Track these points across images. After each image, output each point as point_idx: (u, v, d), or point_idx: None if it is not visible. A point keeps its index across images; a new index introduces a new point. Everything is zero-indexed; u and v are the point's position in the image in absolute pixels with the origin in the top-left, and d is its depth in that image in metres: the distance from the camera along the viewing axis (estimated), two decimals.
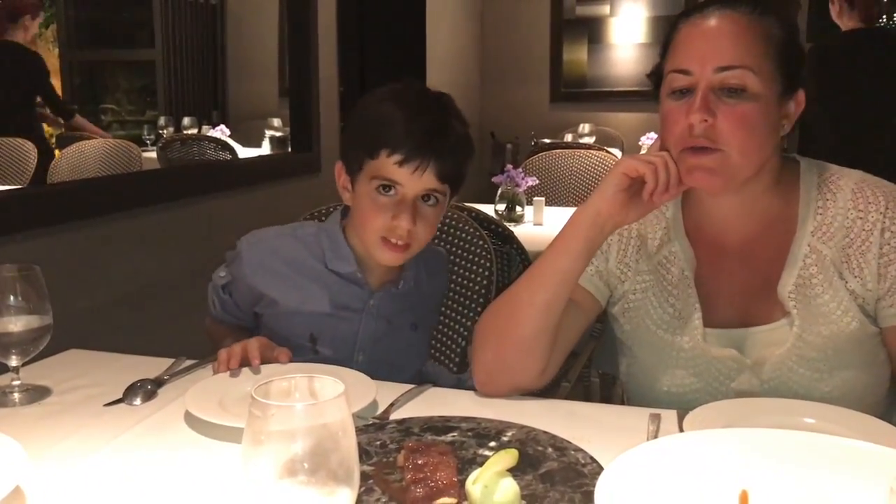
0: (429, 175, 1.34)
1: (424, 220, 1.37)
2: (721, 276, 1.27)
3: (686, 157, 1.18)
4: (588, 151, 3.79)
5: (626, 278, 1.33)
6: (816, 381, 1.20)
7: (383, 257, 1.39)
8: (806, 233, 1.23)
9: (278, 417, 0.70)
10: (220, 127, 4.46)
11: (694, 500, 0.84)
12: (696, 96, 1.15)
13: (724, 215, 1.28)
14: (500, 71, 6.43)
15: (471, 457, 1.00)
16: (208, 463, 1.02)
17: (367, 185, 1.37)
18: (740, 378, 1.24)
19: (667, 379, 1.28)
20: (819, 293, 1.20)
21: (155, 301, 2.42)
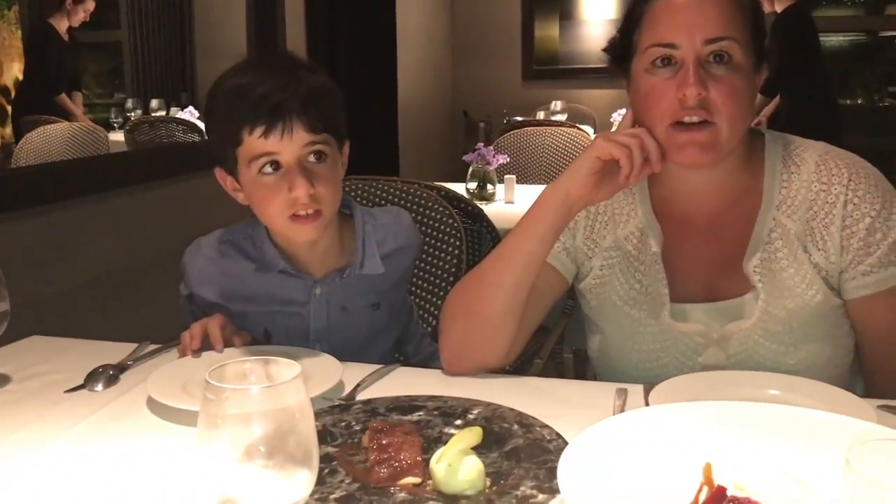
0: (299, 132, 1.25)
1: (322, 180, 1.28)
2: (688, 252, 1.27)
3: (675, 134, 1.16)
4: (559, 129, 3.78)
5: (593, 254, 1.32)
6: (782, 354, 1.21)
7: (300, 234, 1.32)
8: (771, 207, 1.23)
9: (233, 401, 0.69)
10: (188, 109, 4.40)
11: (658, 473, 0.84)
12: (686, 69, 1.13)
13: (693, 191, 1.27)
14: (471, 49, 6.39)
15: (437, 436, 0.99)
16: (171, 448, 1.00)
17: (249, 173, 1.29)
18: (707, 352, 1.24)
19: (634, 355, 1.28)
20: (784, 267, 1.21)
21: (121, 286, 2.39)
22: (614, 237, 1.31)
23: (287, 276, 1.39)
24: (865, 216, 1.18)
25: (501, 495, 0.84)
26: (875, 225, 1.17)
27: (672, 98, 1.14)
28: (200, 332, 1.26)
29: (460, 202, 2.13)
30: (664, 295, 1.25)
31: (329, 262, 1.41)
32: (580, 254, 1.33)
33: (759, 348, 1.21)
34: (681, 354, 1.26)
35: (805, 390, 1.09)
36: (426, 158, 5.71)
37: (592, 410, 1.05)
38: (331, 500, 0.85)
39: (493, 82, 6.32)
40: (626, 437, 0.87)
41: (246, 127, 1.26)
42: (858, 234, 1.18)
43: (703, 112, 1.14)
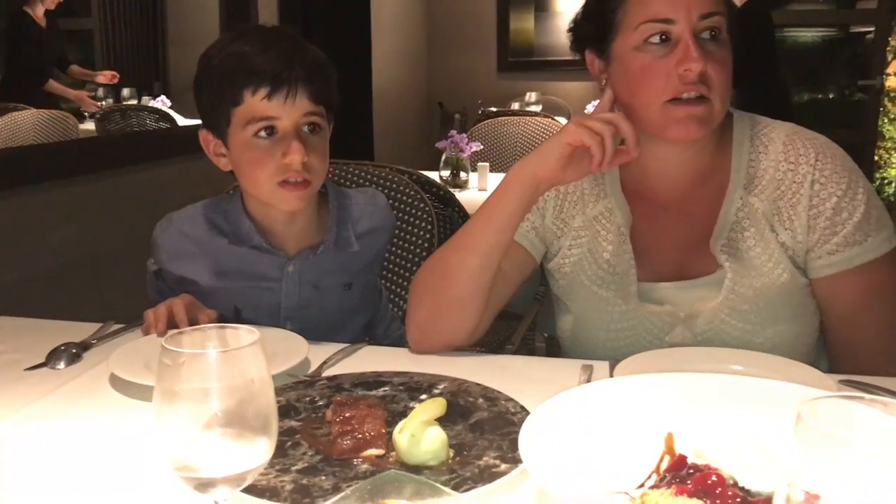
0: (302, 100, 1.27)
1: (315, 151, 1.30)
2: (656, 231, 1.28)
3: (674, 109, 1.15)
4: (533, 118, 3.79)
5: (562, 234, 1.32)
6: (749, 332, 1.22)
7: (287, 202, 1.31)
8: (739, 186, 1.23)
9: (190, 366, 0.68)
10: (160, 98, 4.35)
11: (620, 442, 0.84)
12: (686, 45, 1.13)
13: (664, 170, 1.27)
14: (447, 40, 6.38)
15: (402, 410, 0.99)
16: (132, 423, 0.99)
17: (242, 136, 1.29)
18: (674, 331, 1.25)
19: (602, 334, 1.29)
20: (751, 246, 1.22)
21: (88, 271, 2.36)
22: (584, 217, 1.31)
23: (260, 252, 1.38)
24: (832, 195, 1.19)
25: (464, 465, 0.84)
26: (841, 204, 1.18)
27: (671, 74, 1.14)
28: (165, 312, 1.24)
29: (432, 186, 2.12)
30: (632, 274, 1.26)
31: (303, 240, 1.41)
32: (549, 233, 1.33)
33: (725, 327, 1.22)
34: (648, 333, 1.26)
35: (768, 366, 1.10)
36: (401, 148, 5.70)
37: (558, 386, 1.04)
38: (292, 472, 0.84)
39: (468, 73, 6.31)
40: (588, 408, 0.87)
41: (249, 87, 1.26)
42: (825, 214, 1.19)
43: (702, 87, 1.14)
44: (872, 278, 1.20)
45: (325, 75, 1.32)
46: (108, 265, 2.40)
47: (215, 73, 1.30)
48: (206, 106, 1.33)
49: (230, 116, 1.29)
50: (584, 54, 1.28)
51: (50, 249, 2.23)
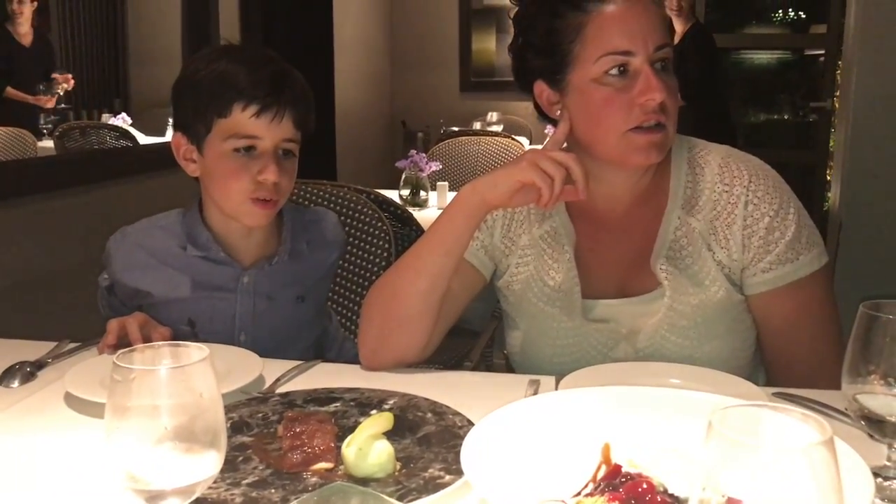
0: (286, 123, 1.33)
1: (286, 173, 1.35)
2: (600, 249, 1.33)
3: (635, 137, 1.20)
4: (493, 138, 3.85)
5: (510, 252, 1.36)
6: (687, 348, 1.27)
7: (253, 218, 1.36)
8: (676, 206, 1.29)
9: (141, 382, 0.71)
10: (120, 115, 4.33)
11: (560, 453, 0.88)
12: (647, 76, 1.17)
13: (609, 192, 1.32)
14: (409, 59, 6.44)
15: (352, 425, 1.01)
16: (86, 440, 1.01)
17: (220, 148, 1.32)
18: (617, 347, 1.29)
19: (549, 349, 1.33)
20: (689, 264, 1.27)
21: (44, 291, 2.35)
22: (530, 236, 1.35)
23: (216, 264, 1.40)
24: (765, 216, 1.24)
25: (410, 477, 0.87)
26: (773, 224, 1.24)
27: (632, 105, 1.18)
28: (117, 329, 1.26)
29: (390, 206, 2.15)
30: (576, 292, 1.30)
31: (259, 252, 1.44)
32: (497, 252, 1.37)
33: (666, 343, 1.27)
34: (592, 349, 1.31)
35: (705, 379, 1.15)
36: (364, 167, 5.73)
37: (504, 400, 1.07)
38: (243, 486, 0.87)
39: (431, 93, 6.37)
40: (529, 421, 0.91)
41: (240, 103, 1.30)
42: (758, 233, 1.24)
43: (661, 115, 1.20)
44: (804, 294, 1.25)
45: (308, 103, 1.38)
46: (65, 284, 2.39)
47: (204, 81, 1.33)
48: (186, 110, 1.36)
49: (211, 125, 1.33)
50: (531, 85, 1.30)
51: (5, 268, 2.22)
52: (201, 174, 1.39)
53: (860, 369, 0.88)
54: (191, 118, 1.35)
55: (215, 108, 1.31)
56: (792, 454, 0.56)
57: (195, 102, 1.34)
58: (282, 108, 1.31)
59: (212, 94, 1.32)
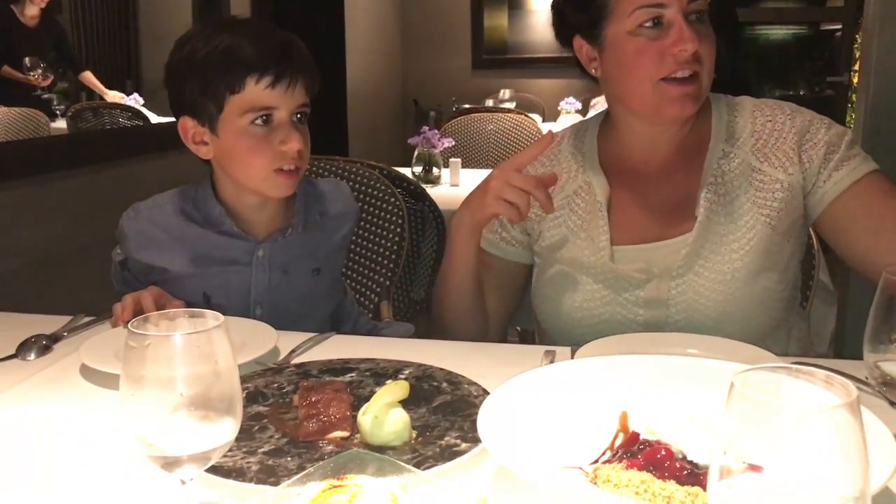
0: (299, 89, 1.33)
1: (305, 140, 1.36)
2: (637, 199, 1.33)
3: (668, 88, 1.22)
4: (505, 114, 3.82)
5: (541, 218, 1.38)
6: (720, 283, 1.25)
7: (280, 189, 1.35)
8: (720, 140, 1.31)
9: (156, 348, 0.70)
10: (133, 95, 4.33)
11: (576, 421, 0.87)
12: (679, 27, 1.19)
13: (647, 144, 1.34)
14: (421, 38, 6.40)
15: (367, 395, 1.01)
16: (103, 411, 1.01)
17: (237, 124, 1.31)
18: (649, 286, 1.29)
19: (578, 295, 1.33)
20: (731, 199, 1.27)
21: (59, 269, 2.36)
22: (563, 194, 1.37)
23: (230, 238, 1.40)
24: (820, 128, 1.28)
25: (426, 445, 0.87)
26: (831, 131, 1.28)
27: (665, 54, 1.20)
28: (132, 304, 1.26)
29: (403, 181, 2.14)
30: (605, 241, 1.31)
31: (272, 225, 1.43)
32: (529, 223, 1.40)
33: (699, 279, 1.26)
34: (623, 290, 1.30)
35: (724, 349, 1.13)
36: (376, 146, 5.72)
37: (520, 370, 1.08)
38: (259, 454, 0.86)
39: (443, 71, 6.34)
40: (545, 389, 0.90)
41: (253, 76, 1.28)
42: (819, 144, 1.27)
43: (695, 65, 1.21)
44: (880, 182, 1.26)
45: (314, 69, 1.38)
46: (80, 261, 2.39)
47: (208, 61, 1.30)
48: (192, 93, 1.32)
49: (223, 103, 1.30)
50: (571, 42, 1.33)
51: (21, 247, 2.23)
52: (216, 155, 1.36)
53: (882, 337, 0.87)
54: (198, 99, 1.32)
55: (227, 85, 1.29)
56: (816, 416, 0.55)
57: (202, 82, 1.30)
58: (294, 75, 1.31)
59: (221, 72, 1.29)
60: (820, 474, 0.55)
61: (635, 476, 0.76)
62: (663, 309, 1.29)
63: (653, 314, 1.29)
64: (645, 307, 1.29)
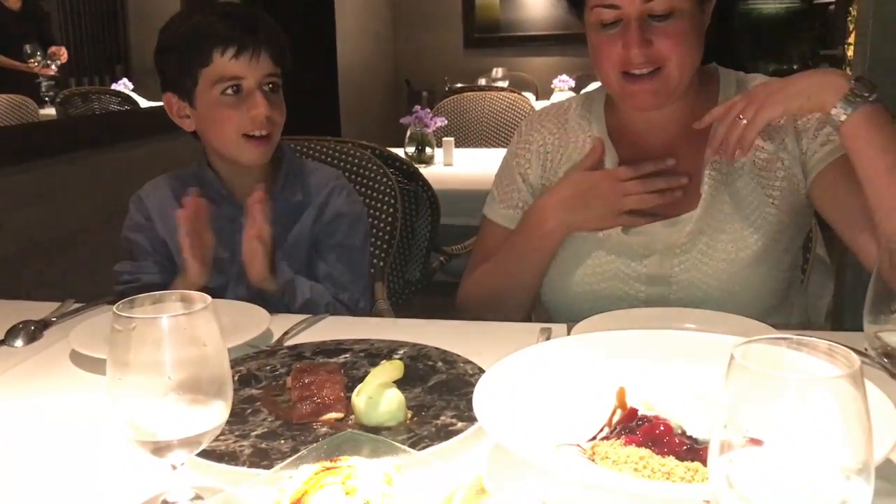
0: (265, 59, 1.39)
1: (276, 106, 1.42)
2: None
3: (626, 84, 1.22)
4: (498, 93, 3.79)
5: (551, 185, 1.37)
6: (725, 263, 1.25)
7: (251, 155, 1.41)
8: None
9: (142, 332, 0.69)
10: (122, 81, 4.29)
11: (573, 398, 0.86)
12: (630, 29, 1.18)
13: (649, 123, 1.33)
14: (412, 18, 6.35)
15: (362, 375, 0.99)
16: (93, 397, 0.99)
17: (210, 95, 1.39)
18: (651, 261, 1.28)
19: (580, 270, 1.32)
20: (734, 180, 1.27)
21: (49, 255, 2.34)
22: (570, 164, 1.36)
23: (216, 207, 1.43)
24: None
25: (421, 425, 0.86)
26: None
27: (619, 52, 1.20)
28: None
29: (395, 161, 2.12)
30: None
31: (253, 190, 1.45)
32: (538, 192, 1.39)
33: (703, 256, 1.26)
34: (624, 265, 1.29)
35: (721, 323, 1.12)
36: (368, 126, 5.68)
37: (516, 347, 1.07)
38: (252, 437, 0.85)
39: (434, 50, 6.30)
40: (542, 366, 0.89)
41: (218, 49, 1.36)
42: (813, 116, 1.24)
43: (649, 64, 1.20)
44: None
45: (281, 41, 1.44)
46: (69, 248, 2.38)
47: (182, 39, 1.40)
48: (172, 70, 1.42)
49: (198, 77, 1.38)
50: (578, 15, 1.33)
51: (9, 233, 2.21)
52: (197, 127, 1.44)
53: (882, 307, 0.86)
54: (177, 75, 1.41)
55: (198, 60, 1.37)
56: (819, 387, 0.54)
57: (178, 60, 1.40)
58: (257, 45, 1.38)
59: (192, 48, 1.38)
60: (822, 447, 0.54)
61: (634, 452, 0.75)
62: (665, 286, 1.28)
63: (654, 291, 1.28)
64: (647, 283, 1.28)
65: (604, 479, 0.72)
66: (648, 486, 0.71)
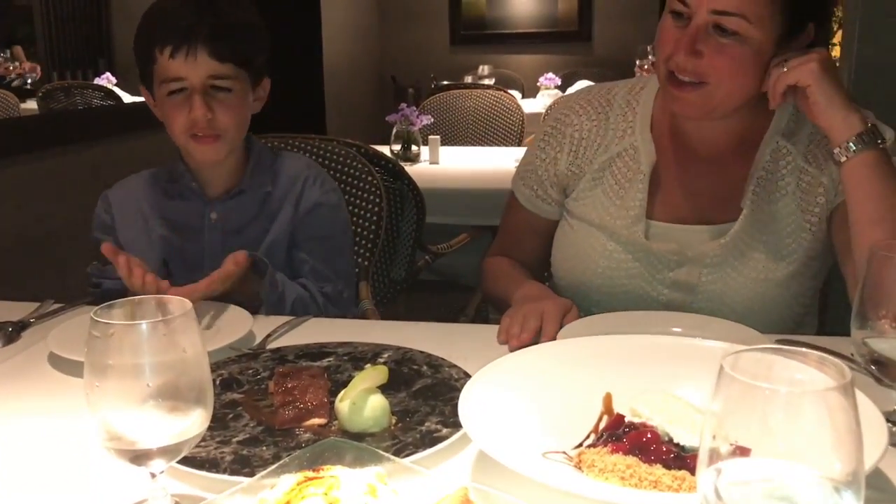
0: (204, 59, 1.33)
1: (223, 107, 1.36)
2: (685, 177, 1.30)
3: (669, 85, 1.18)
4: (484, 91, 3.78)
5: (581, 174, 1.35)
6: (753, 281, 1.24)
7: (199, 153, 1.39)
8: (777, 133, 1.25)
9: (121, 338, 0.67)
10: (105, 75, 4.24)
11: (560, 404, 0.85)
12: (690, 32, 1.14)
13: (699, 129, 1.29)
14: (398, 15, 6.33)
15: (346, 379, 0.98)
16: (71, 400, 0.97)
17: (160, 92, 1.37)
18: (680, 269, 1.27)
19: (603, 261, 1.30)
20: (777, 199, 1.24)
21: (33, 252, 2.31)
22: (607, 155, 1.33)
23: (185, 202, 1.44)
24: None
25: (406, 431, 0.85)
26: None
27: (673, 47, 1.16)
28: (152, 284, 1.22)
29: (380, 160, 2.11)
30: (641, 211, 1.28)
31: (224, 186, 1.46)
32: (564, 178, 1.37)
33: (731, 270, 1.24)
34: (651, 267, 1.28)
35: (706, 327, 1.12)
36: (354, 123, 5.66)
37: (502, 352, 1.06)
38: (233, 443, 0.84)
39: (421, 47, 6.28)
40: (528, 372, 0.88)
41: (157, 46, 1.33)
42: None
43: (694, 75, 1.16)
44: None
45: (236, 35, 1.36)
46: (50, 246, 2.35)
47: (138, 32, 1.39)
48: (139, 63, 1.41)
49: (152, 74, 1.37)
50: None
51: None
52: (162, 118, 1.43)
53: (870, 313, 0.85)
54: (142, 71, 1.41)
55: (148, 58, 1.36)
56: (808, 398, 0.53)
57: (138, 57, 1.40)
58: (193, 44, 1.32)
59: (140, 46, 1.37)
60: (812, 458, 0.54)
61: (620, 461, 0.74)
62: (689, 294, 1.27)
63: (677, 297, 1.27)
64: (671, 288, 1.27)
65: (590, 489, 0.71)
66: (636, 497, 0.70)
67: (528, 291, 1.26)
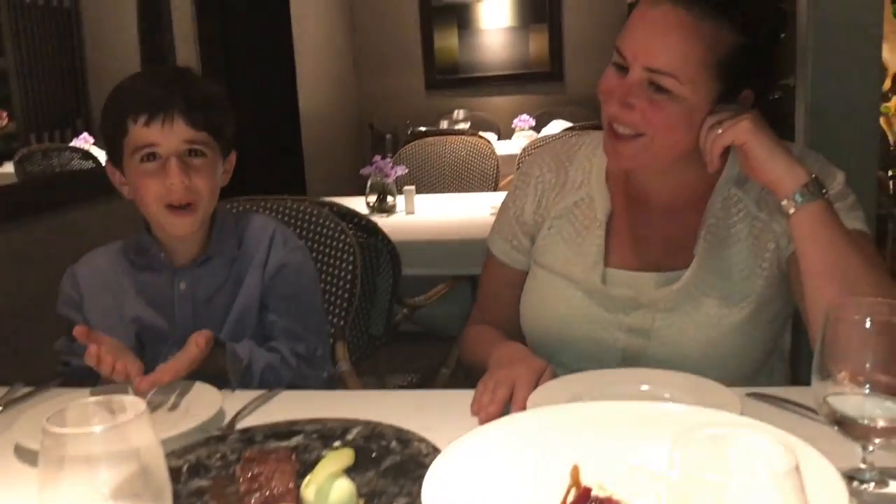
0: (179, 126, 1.35)
1: (199, 173, 1.37)
2: (638, 225, 1.33)
3: (609, 135, 1.22)
4: (459, 137, 3.82)
5: (542, 221, 1.38)
6: (707, 327, 1.25)
7: (174, 227, 1.39)
8: (728, 182, 1.28)
9: (75, 445, 0.66)
10: (82, 136, 4.26)
11: (527, 477, 0.85)
12: (621, 86, 1.17)
13: (649, 181, 1.32)
14: (373, 61, 6.40)
15: (314, 459, 0.97)
16: None
17: (131, 164, 1.37)
18: (635, 314, 1.28)
19: (562, 307, 1.32)
20: (728, 245, 1.26)
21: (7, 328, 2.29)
22: (564, 204, 1.36)
23: (153, 274, 1.44)
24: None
25: None
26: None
27: (608, 98, 1.19)
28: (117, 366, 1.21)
29: (353, 217, 2.12)
30: (599, 258, 1.30)
31: (191, 254, 1.46)
32: (531, 227, 1.40)
33: (686, 317, 1.25)
34: (608, 311, 1.29)
35: (675, 384, 1.12)
36: (333, 174, 5.68)
37: (472, 420, 1.06)
38: None
39: (396, 93, 6.34)
40: (496, 445, 0.88)
41: (131, 115, 1.35)
42: None
43: (628, 127, 1.19)
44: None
45: (208, 104, 1.40)
46: (21, 322, 2.33)
47: (108, 108, 1.40)
48: (107, 140, 1.42)
49: (122, 147, 1.38)
50: None
51: None
52: (131, 196, 1.42)
53: (829, 369, 0.86)
54: (109, 148, 1.42)
55: (118, 130, 1.37)
56: (759, 485, 0.54)
57: (106, 130, 1.40)
58: (169, 111, 1.34)
59: (112, 118, 1.38)
60: None
61: None
62: (644, 339, 1.28)
63: (633, 342, 1.28)
64: (627, 334, 1.29)
65: None
66: None
67: (504, 353, 1.26)
